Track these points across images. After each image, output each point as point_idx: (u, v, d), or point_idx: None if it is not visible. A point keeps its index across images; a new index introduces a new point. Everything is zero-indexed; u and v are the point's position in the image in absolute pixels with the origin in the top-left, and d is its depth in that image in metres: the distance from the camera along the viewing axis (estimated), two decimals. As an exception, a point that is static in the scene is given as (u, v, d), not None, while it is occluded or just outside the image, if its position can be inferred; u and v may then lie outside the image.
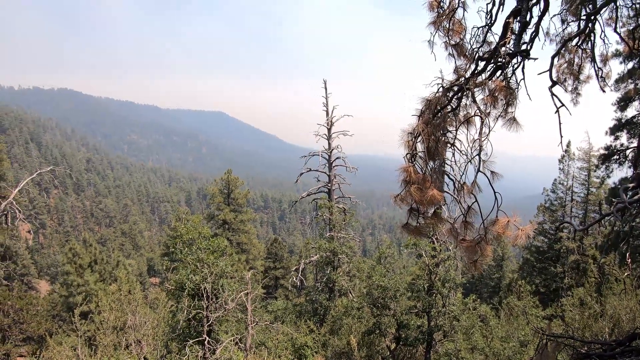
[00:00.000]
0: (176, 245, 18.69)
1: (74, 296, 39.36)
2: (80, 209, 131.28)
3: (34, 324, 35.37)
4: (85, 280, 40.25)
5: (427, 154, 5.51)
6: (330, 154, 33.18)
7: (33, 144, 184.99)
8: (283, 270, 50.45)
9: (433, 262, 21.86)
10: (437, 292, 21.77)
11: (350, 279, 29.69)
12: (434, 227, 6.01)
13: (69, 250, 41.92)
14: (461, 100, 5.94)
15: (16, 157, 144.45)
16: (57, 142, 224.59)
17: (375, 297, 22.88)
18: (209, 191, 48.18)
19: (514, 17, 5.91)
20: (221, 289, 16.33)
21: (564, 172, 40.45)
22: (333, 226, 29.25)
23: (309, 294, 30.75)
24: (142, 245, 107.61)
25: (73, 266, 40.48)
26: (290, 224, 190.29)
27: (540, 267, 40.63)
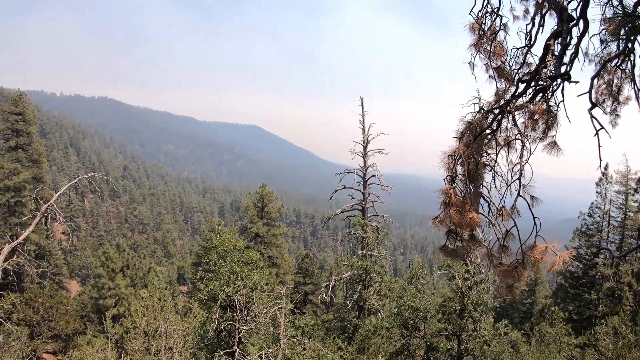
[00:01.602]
0: (210, 257, 18.80)
1: (104, 299, 39.91)
2: (114, 214, 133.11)
3: (62, 322, 36.04)
4: (116, 284, 40.77)
5: (467, 176, 5.47)
6: (365, 172, 33.15)
7: (72, 149, 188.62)
8: (313, 286, 50.33)
9: (466, 284, 21.58)
10: (468, 315, 21.48)
11: (380, 298, 29.48)
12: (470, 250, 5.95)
13: (103, 254, 42.55)
14: (501, 123, 5.90)
15: (55, 161, 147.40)
16: (96, 148, 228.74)
17: (406, 317, 22.67)
18: (243, 204, 48.45)
19: (554, 39, 5.87)
20: (253, 302, 16.38)
21: (601, 195, 39.59)
22: (366, 244, 29.14)
23: (339, 311, 30.63)
24: (174, 254, 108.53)
25: (105, 270, 41.07)
26: (322, 240, 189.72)
27: (574, 294, 39.69)
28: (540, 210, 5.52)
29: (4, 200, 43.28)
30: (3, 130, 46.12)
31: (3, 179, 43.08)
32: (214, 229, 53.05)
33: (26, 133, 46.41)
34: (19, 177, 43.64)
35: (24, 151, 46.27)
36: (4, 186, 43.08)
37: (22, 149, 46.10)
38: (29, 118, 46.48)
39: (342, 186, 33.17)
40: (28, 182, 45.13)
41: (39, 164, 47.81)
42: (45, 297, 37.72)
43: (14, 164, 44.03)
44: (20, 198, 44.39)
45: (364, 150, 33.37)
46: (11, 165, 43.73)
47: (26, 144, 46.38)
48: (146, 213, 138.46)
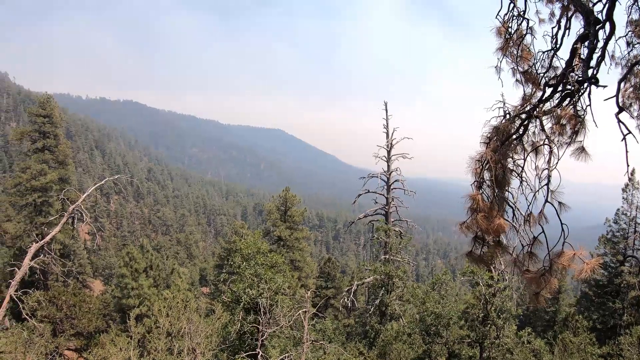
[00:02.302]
0: (235, 259, 18.88)
1: (127, 298, 40.29)
2: (138, 215, 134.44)
3: (85, 320, 36.49)
4: (140, 284, 41.11)
5: (495, 182, 5.40)
6: (389, 177, 33.01)
7: (97, 151, 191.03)
8: (334, 290, 50.25)
9: (490, 291, 21.34)
10: (491, 322, 21.25)
11: (402, 304, 29.30)
12: (496, 256, 5.87)
13: (126, 254, 42.94)
14: (527, 128, 5.82)
15: (81, 163, 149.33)
16: (121, 150, 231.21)
17: (428, 323, 22.52)
18: (266, 207, 48.53)
19: (581, 42, 5.78)
20: (277, 305, 16.40)
21: (628, 201, 38.85)
22: (389, 249, 29.00)
23: (361, 316, 30.54)
24: (196, 255, 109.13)
25: (129, 270, 41.44)
26: (344, 244, 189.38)
27: (598, 302, 38.99)
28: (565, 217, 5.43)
29: (31, 200, 43.94)
30: (30, 132, 46.77)
31: (30, 179, 43.74)
32: (238, 232, 53.27)
33: (53, 135, 47.01)
34: (46, 177, 44.26)
35: (51, 153, 46.86)
36: (31, 186, 43.74)
37: (48, 151, 46.71)
38: (55, 120, 47.06)
39: (365, 190, 33.07)
40: (54, 182, 45.75)
41: (65, 165, 48.39)
42: (69, 295, 38.20)
43: (41, 165, 44.67)
44: (47, 198, 45.04)
45: (388, 154, 33.23)
46: (38, 166, 44.37)
47: (53, 145, 46.98)
48: (170, 215, 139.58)
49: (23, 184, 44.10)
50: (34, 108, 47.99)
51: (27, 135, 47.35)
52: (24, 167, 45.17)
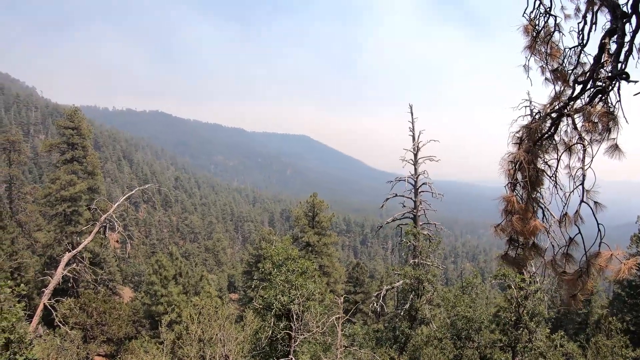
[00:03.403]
0: (265, 265, 18.94)
1: (157, 305, 40.72)
2: (166, 223, 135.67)
3: (115, 327, 37.12)
4: (169, 291, 41.52)
5: (529, 183, 5.29)
6: (416, 180, 32.80)
7: (125, 161, 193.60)
8: (363, 295, 50.12)
9: (521, 294, 21.02)
10: (524, 326, 20.92)
11: (432, 308, 29.03)
12: (531, 258, 5.75)
13: (156, 262, 43.40)
14: (559, 127, 5.71)
15: (109, 173, 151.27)
16: (148, 160, 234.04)
17: (459, 328, 22.27)
18: (294, 213, 48.61)
19: (609, 37, 5.65)
20: (308, 311, 16.39)
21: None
22: (418, 253, 28.76)
23: (391, 320, 30.30)
24: (224, 262, 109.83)
25: (158, 277, 41.90)
26: (372, 248, 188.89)
27: (632, 303, 38.13)
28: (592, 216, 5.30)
29: (61, 209, 44.68)
30: (59, 144, 47.62)
31: (60, 189, 44.47)
32: (266, 238, 53.44)
33: (81, 146, 47.78)
34: (75, 188, 44.95)
35: (79, 163, 47.61)
36: (60, 197, 44.47)
37: (77, 162, 47.46)
38: (83, 132, 47.83)
39: (393, 194, 32.89)
40: (84, 192, 46.44)
41: (94, 175, 49.13)
42: (99, 302, 38.86)
43: (70, 176, 45.39)
44: (77, 208, 45.75)
45: (415, 157, 33.02)
46: (67, 177, 45.09)
47: (81, 156, 47.74)
48: (197, 222, 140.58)
49: (53, 194, 44.87)
50: (62, 120, 48.83)
51: (56, 147, 48.24)
52: (54, 178, 45.98)
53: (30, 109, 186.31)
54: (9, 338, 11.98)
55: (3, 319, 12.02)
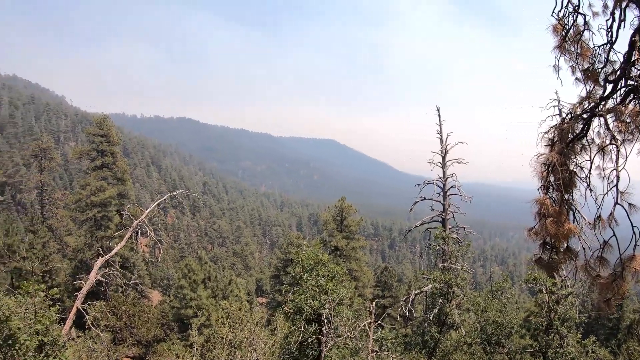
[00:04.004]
0: (296, 270, 18.95)
1: (186, 309, 41.07)
2: (195, 228, 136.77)
3: (144, 329, 37.61)
4: (198, 295, 41.83)
5: (562, 185, 5.18)
6: (444, 183, 32.49)
7: (154, 167, 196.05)
8: (391, 299, 49.85)
9: (553, 298, 20.65)
10: (555, 331, 20.56)
11: (461, 313, 28.70)
12: (565, 262, 5.62)
13: (185, 266, 43.78)
14: (590, 127, 5.59)
15: (138, 178, 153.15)
16: (176, 166, 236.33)
17: (489, 333, 21.97)
18: (322, 217, 48.57)
19: (639, 35, 5.51)
20: (338, 316, 16.37)
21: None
22: (448, 257, 28.46)
23: (420, 325, 30.06)
24: (252, 266, 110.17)
25: (187, 281, 42.26)
26: (400, 252, 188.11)
27: (664, 308, 37.19)
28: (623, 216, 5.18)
29: (91, 215, 45.35)
30: (89, 151, 48.34)
31: (90, 195, 45.13)
32: (294, 242, 53.52)
33: (110, 153, 48.43)
34: (105, 193, 45.56)
35: (109, 170, 48.25)
36: (91, 202, 45.13)
37: (107, 168, 48.10)
38: (112, 139, 48.49)
39: (422, 197, 32.63)
40: (113, 198, 47.08)
41: (123, 181, 49.75)
42: (128, 305, 39.45)
43: (100, 182, 46.02)
44: (106, 213, 46.40)
45: (443, 160, 32.71)
46: (97, 183, 45.72)
47: (111, 163, 48.37)
48: (225, 227, 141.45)
49: (83, 199, 45.56)
50: (91, 128, 49.55)
51: (85, 154, 48.98)
52: (84, 184, 46.67)
53: (60, 117, 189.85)
54: (43, 340, 12.17)
55: (37, 322, 12.22)
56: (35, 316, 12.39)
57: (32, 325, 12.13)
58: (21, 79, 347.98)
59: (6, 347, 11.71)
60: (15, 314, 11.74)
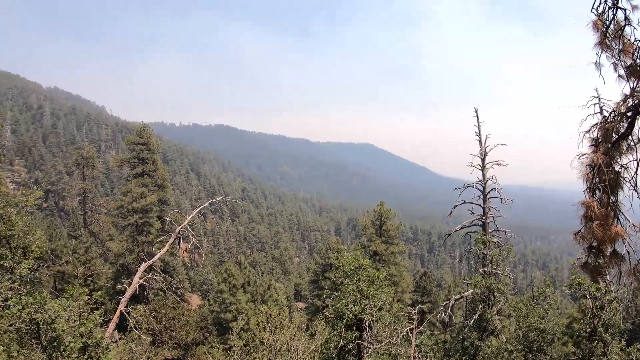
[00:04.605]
0: (337, 275, 18.90)
1: (225, 313, 41.44)
2: (234, 233, 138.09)
3: (183, 332, 38.17)
4: (237, 299, 42.14)
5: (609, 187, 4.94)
6: (484, 186, 31.95)
7: (193, 174, 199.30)
8: (430, 305, 49.29)
9: (597, 304, 20.02)
10: (599, 338, 19.91)
11: (502, 319, 28.14)
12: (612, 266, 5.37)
13: (225, 270, 44.19)
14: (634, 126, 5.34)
15: (178, 185, 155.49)
16: (215, 172, 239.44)
17: (531, 339, 21.43)
18: (361, 222, 48.46)
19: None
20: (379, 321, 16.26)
21: None
22: (489, 261, 27.93)
23: (460, 331, 29.58)
24: (291, 271, 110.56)
25: (227, 285, 42.63)
26: (439, 257, 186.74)
27: None
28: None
29: (133, 220, 46.18)
30: (130, 159, 49.27)
31: (132, 202, 45.95)
32: (333, 247, 53.47)
33: (151, 160, 49.24)
34: (146, 200, 46.32)
35: (150, 177, 49.04)
36: (132, 208, 45.95)
37: (147, 175, 48.91)
38: (152, 147, 49.31)
39: (461, 201, 32.18)
40: (154, 204, 47.84)
41: (163, 188, 50.52)
42: (168, 308, 40.05)
43: (141, 189, 46.80)
44: (147, 219, 47.20)
45: (482, 162, 32.17)
46: (139, 190, 46.51)
47: (151, 170, 49.17)
48: (264, 232, 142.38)
49: (125, 206, 46.40)
50: (132, 137, 50.49)
51: (126, 161, 49.96)
52: (126, 191, 47.53)
53: (101, 126, 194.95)
54: (86, 342, 12.36)
55: (82, 324, 12.41)
56: (79, 319, 12.62)
57: (77, 328, 12.35)
58: (62, 91, 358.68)
59: (51, 349, 11.95)
60: (60, 317, 11.98)
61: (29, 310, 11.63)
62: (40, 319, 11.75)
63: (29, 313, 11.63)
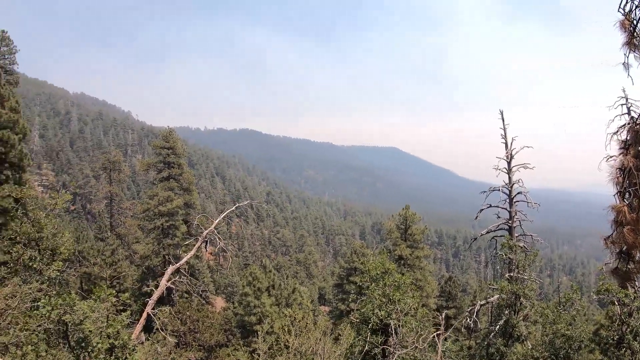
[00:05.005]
0: (363, 280, 18.89)
1: (249, 316, 41.74)
2: (259, 237, 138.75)
3: (207, 334, 38.54)
4: (262, 302, 42.40)
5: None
6: (510, 189, 31.58)
7: (218, 178, 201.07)
8: (455, 310, 48.88)
9: (625, 311, 19.61)
10: (627, 346, 19.50)
11: (527, 325, 27.75)
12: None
13: (250, 274, 44.47)
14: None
15: (203, 189, 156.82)
16: (240, 176, 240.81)
17: (558, 346, 21.09)
18: (386, 226, 48.31)
19: None
20: (405, 326, 16.21)
21: None
22: (515, 266, 27.58)
23: (485, 337, 29.27)
24: (315, 275, 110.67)
25: (252, 289, 42.91)
26: (464, 261, 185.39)
27: None
28: None
29: (159, 224, 46.64)
30: (156, 163, 49.85)
31: (158, 205, 46.41)
32: (357, 251, 53.39)
33: (177, 165, 49.71)
34: (172, 203, 46.74)
35: (176, 181, 49.47)
36: (158, 212, 46.41)
37: (173, 179, 49.35)
38: (178, 151, 49.80)
39: (487, 205, 31.81)
40: (180, 207, 48.25)
41: (189, 191, 50.93)
42: (193, 310, 40.42)
43: (167, 192, 47.24)
44: (173, 222, 47.62)
45: (508, 166, 31.79)
46: (165, 194, 46.96)
47: (177, 174, 49.63)
48: (289, 236, 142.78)
49: (151, 209, 46.88)
50: (158, 141, 51.05)
51: (153, 166, 50.57)
52: (152, 195, 48.03)
53: (127, 131, 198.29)
54: (113, 343, 12.53)
55: (109, 325, 12.59)
56: (107, 320, 12.80)
57: (104, 329, 12.53)
58: (89, 97, 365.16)
59: (79, 349, 12.14)
60: (88, 318, 12.17)
61: (58, 312, 11.82)
62: (69, 320, 11.94)
63: (58, 314, 11.83)
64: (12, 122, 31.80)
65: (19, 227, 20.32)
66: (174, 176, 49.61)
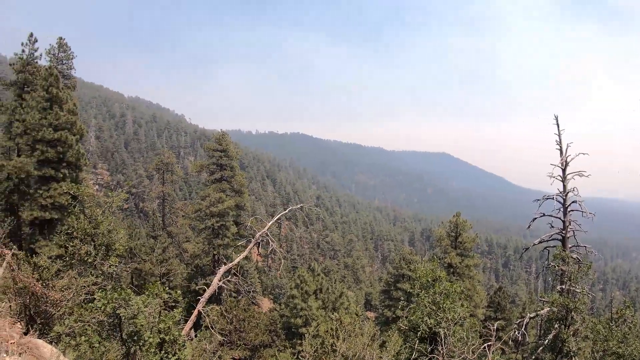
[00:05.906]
0: (414, 287, 18.84)
1: (296, 318, 42.07)
2: (307, 240, 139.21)
3: (252, 334, 39.08)
4: (309, 305, 42.64)
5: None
6: (565, 198, 30.74)
7: (269, 180, 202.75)
8: (503, 322, 47.90)
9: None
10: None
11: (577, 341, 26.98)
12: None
13: (298, 277, 44.86)
14: None
15: (254, 191, 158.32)
16: (290, 179, 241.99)
17: (608, 364, 20.50)
18: (436, 233, 47.81)
19: None
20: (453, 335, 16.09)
21: None
22: (568, 278, 26.84)
23: (534, 351, 28.63)
24: (363, 280, 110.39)
25: (299, 291, 43.23)
26: (514, 272, 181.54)
27: None
28: None
29: (210, 224, 47.37)
30: (209, 165, 50.72)
31: (209, 206, 47.17)
32: (406, 258, 53.11)
33: (229, 167, 50.46)
34: (224, 204, 47.41)
35: (228, 183, 50.20)
36: (210, 212, 47.16)
37: (225, 181, 50.10)
38: (230, 154, 50.51)
39: (540, 214, 31.04)
40: (231, 209, 48.89)
41: (241, 193, 51.58)
42: (239, 310, 40.92)
43: (219, 194, 47.95)
44: (224, 222, 48.30)
45: (563, 173, 30.97)
46: (216, 195, 47.68)
47: (229, 176, 50.37)
48: (337, 240, 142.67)
49: (203, 210, 47.68)
50: (211, 144, 51.99)
51: (205, 167, 51.50)
52: (204, 195, 48.82)
53: (180, 134, 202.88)
54: (164, 338, 12.83)
55: (161, 321, 12.90)
56: (159, 315, 13.11)
57: (156, 324, 12.83)
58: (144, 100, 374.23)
59: (131, 342, 12.49)
60: (142, 313, 12.51)
61: (114, 305, 12.19)
62: (123, 313, 12.30)
63: (113, 307, 12.19)
64: (69, 124, 33.07)
65: (76, 223, 21.01)
66: (226, 178, 50.35)
